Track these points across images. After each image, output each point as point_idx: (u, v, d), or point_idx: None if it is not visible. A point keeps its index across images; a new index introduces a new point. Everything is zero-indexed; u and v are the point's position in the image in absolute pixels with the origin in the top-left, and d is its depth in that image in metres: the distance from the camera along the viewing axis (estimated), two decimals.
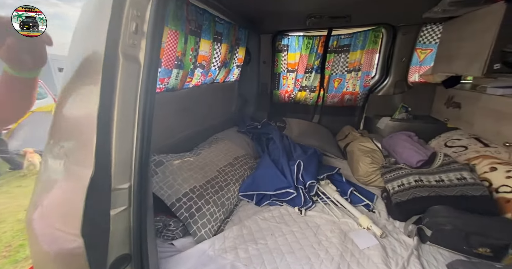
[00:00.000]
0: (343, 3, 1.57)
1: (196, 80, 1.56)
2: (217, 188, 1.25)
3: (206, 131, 1.87)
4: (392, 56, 2.04)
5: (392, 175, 1.24)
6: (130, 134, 0.66)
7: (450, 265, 0.81)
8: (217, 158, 1.51)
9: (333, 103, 2.42)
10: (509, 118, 1.17)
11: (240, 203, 1.38)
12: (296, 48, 2.25)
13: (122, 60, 0.59)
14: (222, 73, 1.94)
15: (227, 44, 1.76)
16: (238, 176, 1.45)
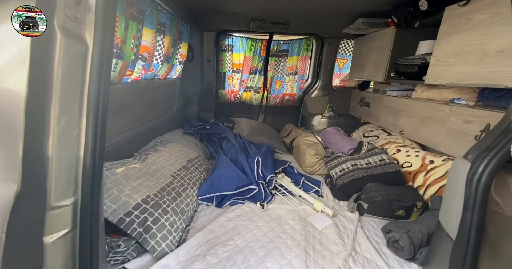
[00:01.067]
0: (284, 11, 1.73)
1: (136, 74, 1.35)
2: (174, 195, 1.12)
3: (146, 134, 1.64)
4: (320, 63, 2.41)
5: (334, 162, 1.47)
6: (74, 134, 0.51)
7: (384, 228, 1.04)
8: (169, 162, 1.35)
9: (275, 103, 2.62)
10: (402, 113, 1.61)
11: (199, 208, 1.29)
12: (240, 49, 2.30)
13: (59, 35, 0.45)
14: (164, 69, 1.75)
15: (170, 37, 1.60)
16: (195, 179, 1.35)
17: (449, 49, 1.10)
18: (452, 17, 1.08)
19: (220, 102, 2.55)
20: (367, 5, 1.53)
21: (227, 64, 2.36)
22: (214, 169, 1.47)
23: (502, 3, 0.85)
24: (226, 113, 2.57)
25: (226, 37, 2.25)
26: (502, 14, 0.85)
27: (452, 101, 1.25)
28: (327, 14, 1.76)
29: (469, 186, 0.56)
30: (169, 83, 1.99)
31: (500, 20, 0.86)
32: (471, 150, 0.62)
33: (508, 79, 0.83)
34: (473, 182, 0.55)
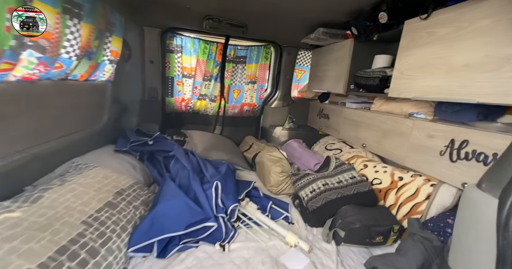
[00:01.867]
0: (242, 12, 1.54)
1: (26, 70, 0.89)
2: (83, 257, 0.72)
3: (51, 156, 1.15)
4: (279, 72, 2.31)
5: (303, 182, 1.30)
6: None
7: (367, 264, 0.89)
8: (82, 199, 0.92)
9: (233, 113, 2.38)
10: (362, 126, 1.59)
11: (130, 263, 0.90)
12: (191, 51, 2.00)
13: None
14: (84, 68, 1.30)
15: (91, 26, 1.19)
16: (126, 220, 0.96)
17: (411, 62, 1.08)
18: (413, 31, 1.07)
19: (168, 112, 2.15)
20: (327, 15, 1.48)
21: (176, 67, 2.01)
22: (156, 202, 1.10)
23: (463, 18, 0.85)
24: (175, 125, 2.18)
25: (174, 36, 1.91)
26: (465, 29, 0.84)
27: (412, 115, 1.26)
28: (287, 21, 1.66)
29: (504, 231, 0.42)
30: (94, 87, 1.51)
31: (463, 34, 0.85)
32: (485, 178, 0.51)
33: (478, 94, 0.81)
34: (506, 226, 0.42)
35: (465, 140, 0.93)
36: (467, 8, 0.83)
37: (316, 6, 1.39)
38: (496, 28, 0.74)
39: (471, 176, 0.91)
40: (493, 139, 0.84)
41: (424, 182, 1.09)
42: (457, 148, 0.96)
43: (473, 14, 0.81)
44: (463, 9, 0.84)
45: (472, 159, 0.91)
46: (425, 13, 0.98)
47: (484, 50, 0.78)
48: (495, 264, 0.43)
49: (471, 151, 0.91)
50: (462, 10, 0.85)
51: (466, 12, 0.83)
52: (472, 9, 0.81)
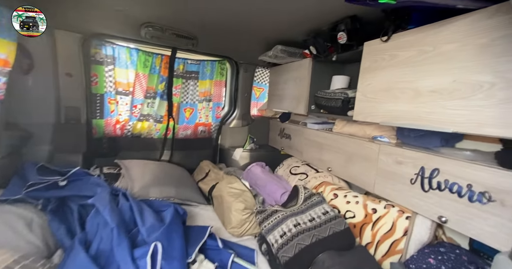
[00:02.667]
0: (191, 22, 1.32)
1: None
2: None
3: None
4: (237, 90, 2.13)
5: (271, 222, 1.07)
6: None
7: None
8: None
9: (185, 135, 2.05)
10: (326, 148, 1.50)
11: None
12: (128, 64, 1.64)
13: None
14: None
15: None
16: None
17: (375, 85, 1.03)
18: (374, 53, 1.02)
19: (97, 137, 1.68)
20: (285, 32, 1.39)
21: (107, 82, 1.61)
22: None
23: (426, 41, 0.81)
24: (107, 154, 1.71)
25: (103, 45, 1.54)
26: (429, 52, 0.80)
27: (375, 138, 1.20)
28: (244, 36, 1.51)
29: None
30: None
31: (428, 58, 0.81)
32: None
33: (449, 122, 0.75)
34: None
35: (435, 168, 0.87)
36: (429, 32, 0.80)
37: (275, 23, 1.28)
38: (463, 53, 0.71)
39: (446, 208, 0.85)
40: (464, 169, 0.79)
41: (399, 214, 1.00)
42: (428, 176, 0.90)
43: (436, 38, 0.78)
44: (425, 33, 0.81)
45: (445, 189, 0.85)
46: (386, 35, 0.93)
47: (452, 75, 0.74)
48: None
49: (443, 181, 0.85)
50: (423, 34, 0.82)
51: (429, 36, 0.80)
52: (435, 33, 0.78)
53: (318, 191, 1.33)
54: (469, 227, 0.78)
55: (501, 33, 0.64)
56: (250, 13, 1.14)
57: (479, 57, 0.67)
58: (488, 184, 0.73)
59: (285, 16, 1.16)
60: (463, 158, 0.81)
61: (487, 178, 0.73)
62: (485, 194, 0.74)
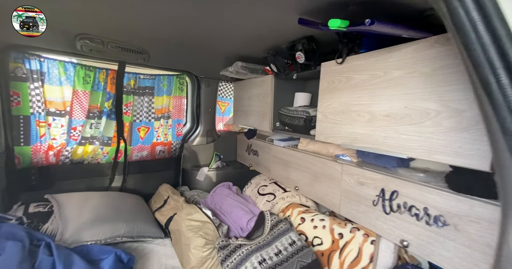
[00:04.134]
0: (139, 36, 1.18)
1: None
2: None
3: None
4: (200, 105, 2.00)
5: (234, 259, 0.95)
6: None
7: None
8: None
9: (141, 157, 1.82)
10: (292, 166, 1.46)
11: None
12: (62, 80, 1.39)
13: None
14: None
15: None
16: None
17: (334, 106, 1.01)
18: (331, 74, 1.02)
19: (21, 168, 1.37)
20: (245, 48, 1.33)
21: (34, 102, 1.34)
22: None
23: (377, 66, 0.81)
24: (37, 187, 1.41)
25: (25, 58, 1.28)
26: (381, 77, 0.80)
27: (338, 157, 1.19)
28: (201, 51, 1.41)
29: None
30: None
31: (380, 82, 0.81)
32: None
33: (403, 147, 0.75)
34: None
35: (394, 190, 0.87)
36: (379, 57, 0.80)
37: (233, 39, 1.21)
38: (411, 80, 0.72)
39: (407, 231, 0.84)
40: (420, 192, 0.79)
41: (364, 239, 0.97)
42: (388, 199, 0.89)
43: (385, 63, 0.78)
44: (375, 58, 0.81)
45: (404, 212, 0.84)
46: (340, 58, 0.93)
47: (403, 101, 0.74)
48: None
49: (402, 203, 0.85)
50: (374, 59, 0.82)
51: (379, 61, 0.80)
52: (384, 59, 0.79)
53: (285, 214, 1.26)
54: (429, 252, 0.78)
55: (440, 63, 0.66)
56: (205, 28, 1.06)
57: (425, 85, 0.68)
58: (441, 208, 0.74)
59: (242, 32, 1.10)
60: (417, 180, 0.82)
61: (440, 201, 0.74)
62: (440, 217, 0.74)
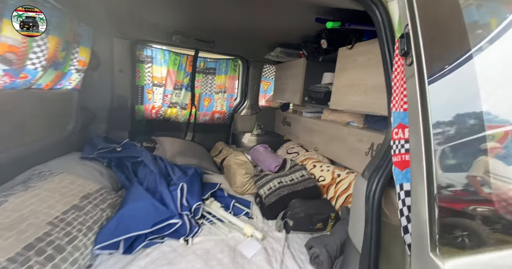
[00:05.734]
0: (209, 29, 1.72)
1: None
2: (50, 252, 0.79)
3: (14, 163, 1.17)
4: (247, 83, 2.52)
5: (262, 181, 1.48)
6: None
7: (306, 244, 1.08)
8: (47, 203, 0.97)
9: (204, 121, 2.50)
10: (315, 132, 1.85)
11: (97, 260, 0.97)
12: (162, 62, 2.10)
13: None
14: (50, 77, 1.34)
15: (58, 39, 1.25)
16: (92, 221, 1.03)
17: (344, 81, 1.35)
18: (344, 57, 1.34)
19: (138, 119, 2.20)
20: (282, 37, 1.73)
21: (146, 77, 2.10)
22: (123, 204, 1.18)
23: (373, 51, 1.12)
24: (145, 132, 2.23)
25: (144, 48, 2.01)
26: (374, 59, 1.12)
27: (349, 124, 1.53)
28: (251, 39, 1.87)
29: (367, 202, 0.63)
30: (59, 95, 1.54)
31: (372, 63, 1.13)
32: (366, 168, 0.73)
33: (382, 108, 1.08)
34: (369, 198, 0.63)
35: (379, 143, 1.20)
36: (373, 44, 1.11)
37: (275, 30, 1.62)
38: None
39: None
40: None
41: (354, 176, 1.34)
42: (375, 149, 1.22)
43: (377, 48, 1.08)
44: (372, 45, 1.12)
45: None
46: (350, 44, 1.25)
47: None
48: (364, 224, 0.64)
49: None
50: (371, 45, 1.13)
51: (374, 47, 1.11)
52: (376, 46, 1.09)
53: (302, 163, 1.70)
54: None
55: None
56: (255, 22, 1.50)
57: None
58: None
59: (282, 25, 1.49)
60: None
61: None
62: None
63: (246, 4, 1.15)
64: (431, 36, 0.46)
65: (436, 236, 0.40)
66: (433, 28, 0.48)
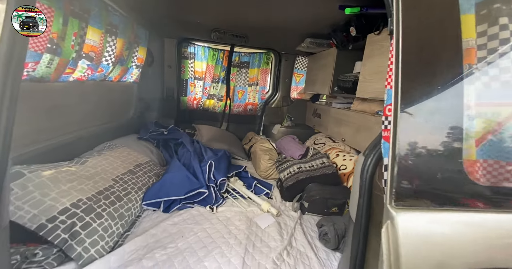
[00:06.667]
0: (243, 25, 1.86)
1: (80, 73, 1.29)
2: (113, 199, 1.07)
3: (92, 138, 1.54)
4: (279, 76, 2.59)
5: (284, 166, 1.56)
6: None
7: (317, 223, 1.13)
8: (112, 165, 1.28)
9: (238, 112, 2.70)
10: (343, 123, 1.81)
11: (144, 213, 1.24)
12: (202, 58, 2.36)
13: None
14: (117, 71, 1.70)
15: (123, 40, 1.58)
16: (141, 184, 1.30)
17: (371, 68, 1.31)
18: (371, 43, 1.30)
19: (182, 109, 2.53)
20: (311, 27, 1.74)
21: (189, 71, 2.39)
22: (164, 174, 1.44)
23: None
24: (188, 120, 2.55)
25: (188, 45, 2.30)
26: None
27: (377, 113, 1.47)
28: (282, 32, 1.94)
29: (361, 176, 0.67)
30: (124, 87, 1.93)
31: None
32: (367, 147, 0.75)
33: None
34: (363, 172, 0.67)
35: None
36: None
37: (304, 20, 1.65)
38: None
39: None
40: None
41: None
42: None
43: None
44: None
45: None
46: (378, 30, 1.21)
47: None
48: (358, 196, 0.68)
49: None
50: None
51: None
52: None
53: (326, 152, 1.71)
54: None
55: None
56: (284, 15, 1.56)
57: None
58: None
59: (311, 15, 1.52)
60: None
61: None
62: None
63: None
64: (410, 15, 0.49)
65: (394, 190, 0.44)
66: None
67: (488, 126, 0.50)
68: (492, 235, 0.46)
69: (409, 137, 0.47)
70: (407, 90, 0.48)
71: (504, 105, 0.50)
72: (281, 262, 0.94)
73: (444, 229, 0.45)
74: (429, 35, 0.51)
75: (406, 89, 0.48)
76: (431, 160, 0.47)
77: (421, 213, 0.45)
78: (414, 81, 0.49)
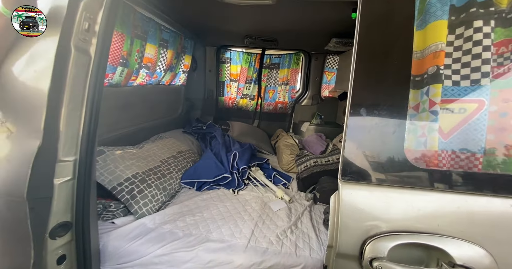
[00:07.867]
0: (272, 30, 2.03)
1: (141, 79, 1.69)
2: (159, 175, 1.40)
3: (149, 130, 1.96)
4: (309, 75, 2.65)
5: (302, 160, 1.67)
6: (78, 115, 0.79)
7: (324, 210, 1.22)
8: (161, 151, 1.64)
9: (269, 110, 2.88)
10: None
11: (182, 190, 1.55)
12: (237, 61, 2.63)
13: (73, 51, 0.73)
14: (168, 76, 2.10)
15: (172, 51, 1.96)
16: (181, 166, 1.63)
17: None
18: None
19: (220, 107, 2.86)
20: (336, 27, 1.78)
21: (226, 74, 2.69)
22: (198, 160, 1.74)
23: None
24: (224, 117, 2.87)
25: (225, 51, 2.59)
26: None
27: None
28: (309, 33, 2.03)
29: None
30: (173, 89, 2.35)
31: None
32: None
33: None
34: None
35: None
36: None
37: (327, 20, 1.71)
38: None
39: None
40: None
41: None
42: None
43: None
44: None
45: None
46: None
47: None
48: None
49: None
50: None
51: None
52: None
53: None
54: None
55: None
56: (309, 18, 1.66)
57: None
58: None
59: (336, 15, 1.57)
60: None
61: None
62: None
63: (300, 4, 1.36)
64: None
65: (342, 167, 0.56)
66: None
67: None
68: (415, 208, 0.57)
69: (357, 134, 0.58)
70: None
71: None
72: (284, 237, 1.08)
73: (377, 200, 0.53)
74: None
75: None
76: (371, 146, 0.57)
77: (360, 187, 0.55)
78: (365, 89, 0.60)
